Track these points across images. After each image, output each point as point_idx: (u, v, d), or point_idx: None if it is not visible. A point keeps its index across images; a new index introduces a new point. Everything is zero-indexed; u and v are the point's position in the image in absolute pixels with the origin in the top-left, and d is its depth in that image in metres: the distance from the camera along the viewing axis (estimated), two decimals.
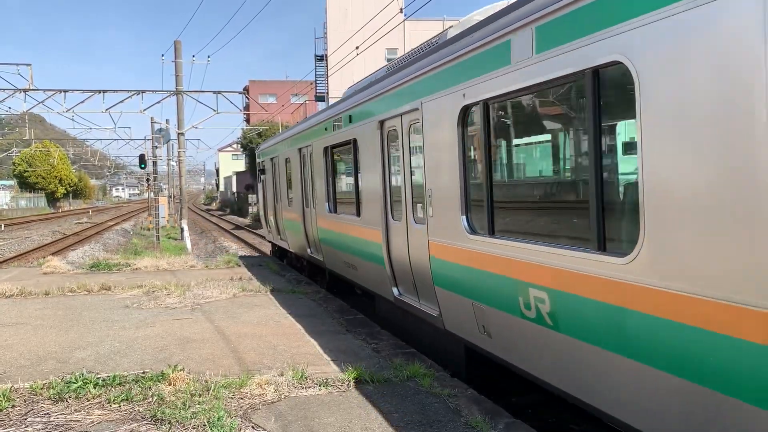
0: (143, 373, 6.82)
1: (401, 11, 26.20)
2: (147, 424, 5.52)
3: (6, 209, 72.60)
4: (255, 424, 5.50)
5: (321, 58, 42.65)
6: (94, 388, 6.33)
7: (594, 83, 4.22)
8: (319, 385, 6.40)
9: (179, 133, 32.06)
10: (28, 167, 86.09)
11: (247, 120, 53.73)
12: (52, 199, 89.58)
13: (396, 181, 8.28)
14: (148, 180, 34.14)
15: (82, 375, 6.69)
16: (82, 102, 31.19)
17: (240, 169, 74.68)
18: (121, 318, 10.00)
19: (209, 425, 5.35)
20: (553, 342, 4.85)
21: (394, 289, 8.48)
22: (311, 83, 42.44)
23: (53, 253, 24.46)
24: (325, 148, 11.43)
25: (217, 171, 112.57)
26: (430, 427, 5.37)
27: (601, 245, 4.28)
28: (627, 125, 4.31)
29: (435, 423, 5.45)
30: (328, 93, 40.65)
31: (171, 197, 44.86)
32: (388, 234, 8.51)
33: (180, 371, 6.64)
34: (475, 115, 5.89)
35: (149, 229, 38.02)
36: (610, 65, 4.08)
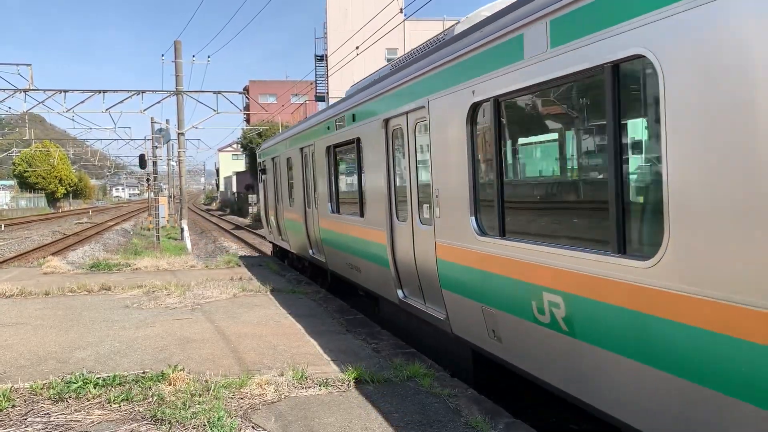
0: (143, 373, 6.82)
1: (401, 11, 26.13)
2: (147, 424, 5.52)
3: (6, 209, 72.62)
4: (255, 424, 5.49)
5: (321, 58, 42.67)
6: (94, 388, 6.33)
7: (614, 78, 4.06)
8: (319, 385, 6.40)
9: (179, 133, 32.08)
10: (28, 167, 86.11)
11: (247, 120, 53.71)
12: (52, 199, 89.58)
13: (401, 181, 8.09)
14: (148, 180, 34.18)
15: (82, 375, 6.69)
16: (82, 102, 31.27)
17: (240, 169, 74.69)
18: (121, 318, 10.00)
19: (209, 425, 5.35)
20: (568, 348, 4.68)
21: (398, 292, 8.32)
22: (311, 83, 42.45)
23: (53, 253, 24.46)
24: (328, 147, 11.28)
25: (217, 171, 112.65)
26: (430, 427, 5.37)
27: (622, 248, 4.09)
28: (648, 121, 4.11)
29: (435, 423, 5.45)
30: (328, 93, 40.67)
31: (171, 197, 44.84)
32: (392, 235, 8.33)
33: (180, 371, 6.64)
34: (485, 113, 5.70)
35: (149, 229, 38.05)
36: (631, 59, 3.92)
